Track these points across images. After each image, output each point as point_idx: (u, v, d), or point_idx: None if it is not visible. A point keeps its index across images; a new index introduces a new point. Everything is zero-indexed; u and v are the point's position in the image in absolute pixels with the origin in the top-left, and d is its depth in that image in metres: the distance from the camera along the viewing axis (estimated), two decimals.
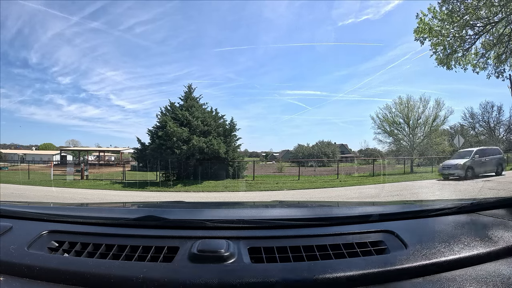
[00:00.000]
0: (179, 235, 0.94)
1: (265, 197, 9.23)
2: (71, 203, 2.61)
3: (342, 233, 0.95)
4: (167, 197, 10.19)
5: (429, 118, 22.39)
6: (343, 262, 0.80)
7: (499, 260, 0.83)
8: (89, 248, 0.88)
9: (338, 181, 14.25)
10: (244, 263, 0.79)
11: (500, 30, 8.77)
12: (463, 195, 8.30)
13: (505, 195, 6.41)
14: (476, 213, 1.18)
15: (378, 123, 23.60)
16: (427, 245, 0.87)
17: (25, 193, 9.66)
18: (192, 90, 16.82)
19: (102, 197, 9.51)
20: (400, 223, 1.05)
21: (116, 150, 39.49)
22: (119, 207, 1.76)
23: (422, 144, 22.22)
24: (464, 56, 9.40)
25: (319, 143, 41.57)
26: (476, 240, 0.91)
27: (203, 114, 15.44)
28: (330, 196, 9.23)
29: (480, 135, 29.73)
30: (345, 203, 2.46)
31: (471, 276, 0.75)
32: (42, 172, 18.96)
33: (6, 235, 0.95)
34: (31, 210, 1.20)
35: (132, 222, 1.04)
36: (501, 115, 29.14)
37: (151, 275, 0.72)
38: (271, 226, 1.02)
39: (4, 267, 0.78)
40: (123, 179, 15.59)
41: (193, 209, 1.66)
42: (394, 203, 2.01)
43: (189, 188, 12.79)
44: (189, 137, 14.10)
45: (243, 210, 1.66)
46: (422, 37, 9.12)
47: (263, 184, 13.49)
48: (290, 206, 1.91)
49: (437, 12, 8.75)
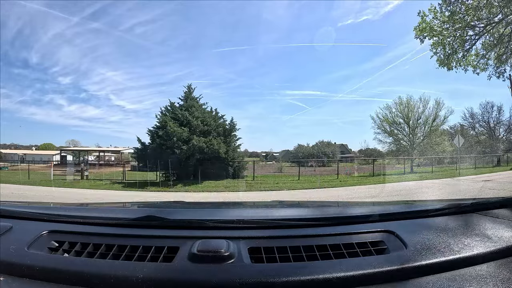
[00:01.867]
0: (179, 235, 0.94)
1: (265, 197, 9.23)
2: (71, 203, 2.61)
3: (342, 233, 0.95)
4: (167, 197, 10.18)
5: (429, 118, 22.44)
6: (343, 262, 0.80)
7: (499, 260, 0.83)
8: (89, 248, 0.88)
9: (338, 181, 14.24)
10: (244, 263, 0.79)
11: (500, 31, 8.77)
12: (463, 195, 8.29)
13: (505, 195, 6.41)
14: (476, 213, 1.18)
15: (378, 123, 23.66)
16: (427, 245, 0.87)
17: (25, 193, 9.65)
18: (192, 90, 16.80)
19: (102, 197, 9.50)
20: (400, 223, 1.05)
21: (116, 150, 39.46)
22: (119, 207, 1.76)
23: (422, 144, 22.23)
24: (464, 57, 9.40)
25: (319, 143, 41.58)
26: (476, 240, 0.91)
27: (203, 114, 15.43)
28: (330, 196, 9.22)
29: (480, 135, 29.70)
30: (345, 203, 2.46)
31: (471, 276, 0.75)
32: (42, 172, 18.95)
33: (6, 235, 0.95)
34: (31, 210, 1.20)
35: (132, 222, 1.04)
36: (501, 115, 29.14)
37: (151, 275, 0.72)
38: (271, 226, 1.02)
39: (4, 267, 0.78)
40: (123, 179, 15.58)
41: (193, 209, 1.67)
42: (394, 203, 2.01)
43: (189, 188, 12.78)
44: (189, 137, 14.09)
45: (243, 210, 1.67)
46: (423, 35, 9.11)
47: (263, 184, 13.49)
48: (290, 206, 1.92)
49: (438, 12, 8.74)
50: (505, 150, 26.52)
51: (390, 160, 23.30)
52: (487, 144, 26.81)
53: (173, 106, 16.02)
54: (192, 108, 15.46)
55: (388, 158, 23.66)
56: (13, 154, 40.18)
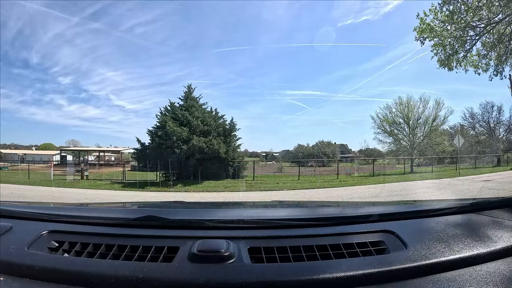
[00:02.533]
0: (179, 235, 0.94)
1: (265, 197, 9.23)
2: (71, 203, 2.61)
3: (342, 233, 0.95)
4: (167, 197, 10.18)
5: (429, 118, 22.42)
6: (343, 262, 0.80)
7: (499, 260, 0.83)
8: (89, 248, 0.88)
9: (338, 181, 14.25)
10: (244, 263, 0.78)
11: (501, 30, 8.76)
12: (463, 195, 8.30)
13: (505, 195, 6.41)
14: (476, 213, 1.18)
15: (378, 123, 23.65)
16: (427, 245, 0.87)
17: (25, 193, 9.65)
18: (192, 90, 16.80)
19: (102, 197, 9.50)
20: (400, 223, 1.05)
21: (116, 150, 39.43)
22: (119, 207, 1.76)
23: (422, 144, 22.24)
24: (465, 57, 9.39)
25: (319, 143, 41.52)
26: (476, 240, 0.91)
27: (203, 114, 15.43)
28: (331, 196, 9.23)
29: (480, 135, 29.67)
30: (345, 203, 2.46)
31: (471, 276, 0.75)
32: (42, 172, 18.94)
33: (6, 235, 0.95)
34: (31, 210, 1.20)
35: (132, 222, 1.04)
36: (501, 115, 29.08)
37: (151, 275, 0.72)
38: (271, 226, 1.02)
39: (4, 267, 0.78)
40: (123, 179, 15.56)
41: (193, 209, 1.67)
42: (394, 203, 2.01)
43: (189, 188, 12.79)
44: (189, 137, 14.10)
45: (243, 210, 1.67)
46: (423, 37, 9.11)
47: (263, 184, 13.50)
48: (290, 206, 1.92)
49: (438, 12, 8.74)
50: (505, 150, 26.49)
51: (390, 160, 23.32)
52: (487, 144, 26.77)
53: (173, 106, 16.02)
54: (192, 108, 15.46)
55: (388, 158, 23.69)
56: (13, 154, 40.16)
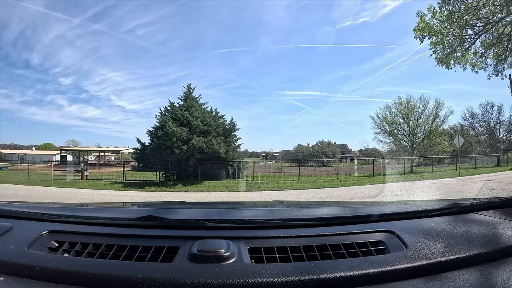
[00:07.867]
0: (179, 235, 0.94)
1: (265, 197, 9.22)
2: (71, 203, 2.61)
3: (342, 233, 0.95)
4: (167, 197, 10.18)
5: (429, 118, 22.43)
6: (343, 262, 0.80)
7: (499, 260, 0.83)
8: (89, 248, 0.88)
9: (338, 181, 14.24)
10: (244, 263, 0.78)
11: (499, 30, 8.77)
12: (463, 195, 8.29)
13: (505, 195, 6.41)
14: (476, 213, 1.18)
15: (378, 123, 23.67)
16: (427, 245, 0.87)
17: (25, 193, 9.64)
18: (191, 90, 16.79)
19: (102, 197, 9.50)
20: (400, 223, 1.05)
21: (116, 150, 39.41)
22: (119, 207, 1.76)
23: (422, 144, 22.24)
24: (463, 55, 9.40)
25: (319, 143, 41.54)
26: (476, 240, 0.91)
27: (202, 114, 15.42)
28: (331, 196, 9.22)
29: (480, 135, 29.65)
30: (345, 203, 2.46)
31: (471, 276, 0.75)
32: (42, 172, 18.91)
33: (6, 235, 0.95)
34: (31, 210, 1.20)
35: (132, 222, 1.04)
36: (501, 115, 28.99)
37: (151, 275, 0.72)
38: (271, 226, 1.02)
39: (4, 267, 0.78)
40: (123, 179, 15.54)
41: (193, 209, 1.67)
42: (394, 203, 2.01)
43: (189, 188, 12.78)
44: (188, 137, 14.08)
45: (243, 210, 1.66)
46: (422, 35, 9.13)
47: (263, 184, 13.48)
48: (290, 206, 1.91)
49: (437, 12, 8.75)
50: (505, 150, 26.46)
51: (390, 160, 23.27)
52: (487, 144, 26.75)
53: (173, 106, 16.01)
54: (192, 108, 15.45)
55: (388, 158, 23.64)
56: (13, 154, 40.13)
